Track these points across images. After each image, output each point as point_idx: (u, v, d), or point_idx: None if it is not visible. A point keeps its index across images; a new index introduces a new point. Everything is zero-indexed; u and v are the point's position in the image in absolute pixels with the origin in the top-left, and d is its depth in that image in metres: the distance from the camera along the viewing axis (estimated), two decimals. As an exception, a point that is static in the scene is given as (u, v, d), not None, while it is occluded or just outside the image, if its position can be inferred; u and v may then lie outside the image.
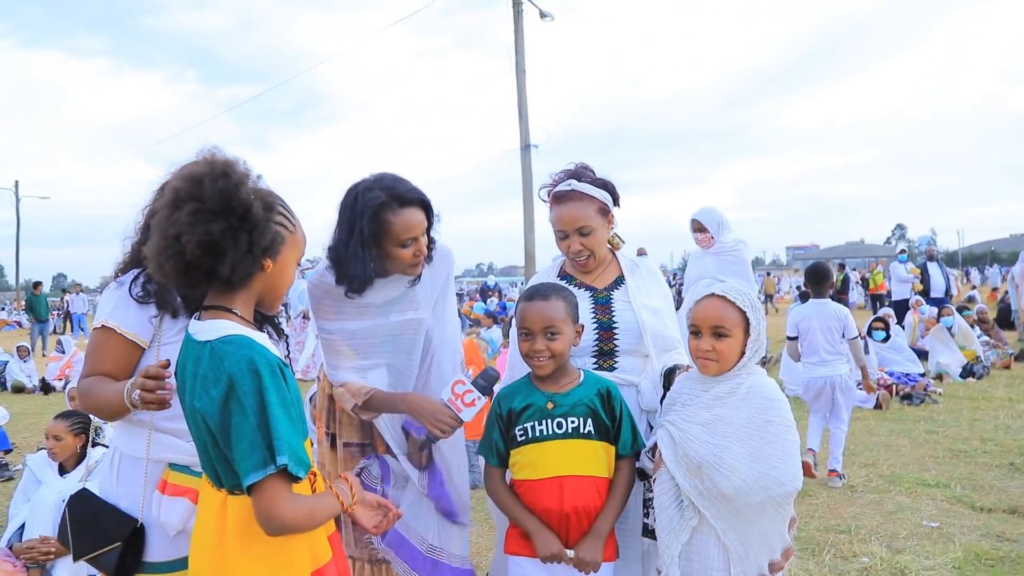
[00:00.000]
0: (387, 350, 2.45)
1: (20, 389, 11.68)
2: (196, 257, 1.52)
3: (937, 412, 7.74)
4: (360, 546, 2.49)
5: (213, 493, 1.61)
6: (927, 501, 4.92)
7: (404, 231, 2.30)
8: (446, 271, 2.60)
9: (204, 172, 1.55)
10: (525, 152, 16.20)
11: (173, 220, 1.52)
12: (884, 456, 6.06)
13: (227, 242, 1.53)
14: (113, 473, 2.04)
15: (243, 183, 1.56)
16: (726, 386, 2.12)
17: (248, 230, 1.55)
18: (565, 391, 2.24)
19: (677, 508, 2.12)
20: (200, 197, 1.52)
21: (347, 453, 2.50)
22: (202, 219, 1.51)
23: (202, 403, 1.51)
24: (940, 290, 13.43)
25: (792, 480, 2.04)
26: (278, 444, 1.48)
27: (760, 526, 2.07)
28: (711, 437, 2.07)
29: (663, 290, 2.65)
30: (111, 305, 1.99)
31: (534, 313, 2.21)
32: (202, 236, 1.50)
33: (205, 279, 1.57)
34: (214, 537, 1.58)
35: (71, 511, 2.02)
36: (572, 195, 2.47)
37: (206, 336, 1.57)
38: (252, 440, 1.47)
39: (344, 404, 2.41)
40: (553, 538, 2.16)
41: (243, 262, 1.57)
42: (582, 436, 2.20)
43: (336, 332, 2.42)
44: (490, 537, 4.29)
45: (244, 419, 1.48)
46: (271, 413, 1.49)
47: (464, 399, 2.24)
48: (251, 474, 1.47)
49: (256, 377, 1.49)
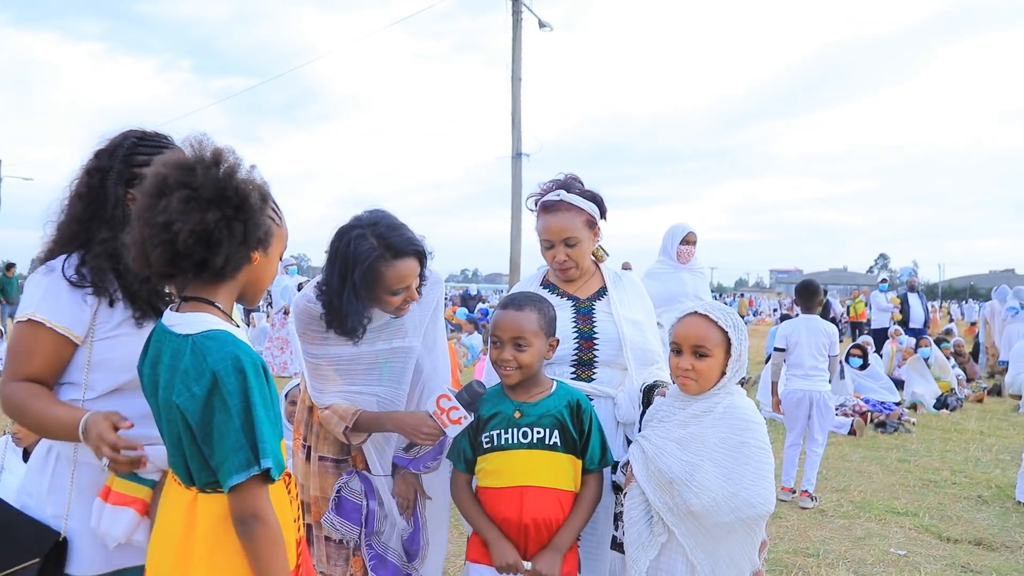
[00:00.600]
0: (374, 377, 2.41)
1: (-9, 371, 11.52)
2: (188, 247, 1.47)
3: (910, 441, 7.80)
4: (332, 562, 2.46)
5: (180, 492, 1.56)
6: (895, 529, 4.96)
7: (396, 282, 2.23)
8: (435, 299, 2.54)
9: (195, 160, 1.50)
10: (516, 161, 16.21)
11: (162, 207, 1.46)
12: (856, 482, 6.09)
13: (222, 232, 1.49)
14: (46, 473, 1.84)
15: (235, 172, 1.53)
16: (703, 405, 2.12)
17: (243, 220, 1.52)
18: (534, 401, 2.23)
19: (647, 523, 2.12)
20: (192, 184, 1.47)
21: (321, 467, 2.44)
22: (196, 207, 1.46)
23: (182, 399, 1.46)
24: (919, 321, 13.58)
25: (763, 503, 2.04)
26: (263, 447, 1.46)
27: (729, 546, 2.07)
28: (684, 454, 2.07)
29: (645, 304, 2.65)
30: (39, 295, 1.78)
31: (504, 322, 2.21)
32: (196, 225, 1.46)
33: (193, 269, 1.53)
34: (179, 537, 1.53)
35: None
36: (560, 205, 2.48)
37: (186, 329, 1.52)
38: (236, 441, 1.44)
39: (332, 428, 2.36)
40: (510, 548, 2.15)
41: (236, 253, 1.54)
42: (547, 447, 2.18)
43: (322, 357, 2.37)
44: (460, 543, 4.27)
45: (228, 419, 1.44)
46: (256, 415, 1.46)
47: (450, 415, 2.19)
48: (234, 475, 1.44)
49: (241, 376, 1.46)
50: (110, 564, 1.79)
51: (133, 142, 1.92)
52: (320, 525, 2.45)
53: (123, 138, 1.92)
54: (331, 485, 2.43)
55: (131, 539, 1.75)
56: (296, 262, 13.07)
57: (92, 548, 1.78)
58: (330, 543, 2.45)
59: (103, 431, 1.65)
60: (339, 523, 2.40)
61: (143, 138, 1.94)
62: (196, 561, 1.50)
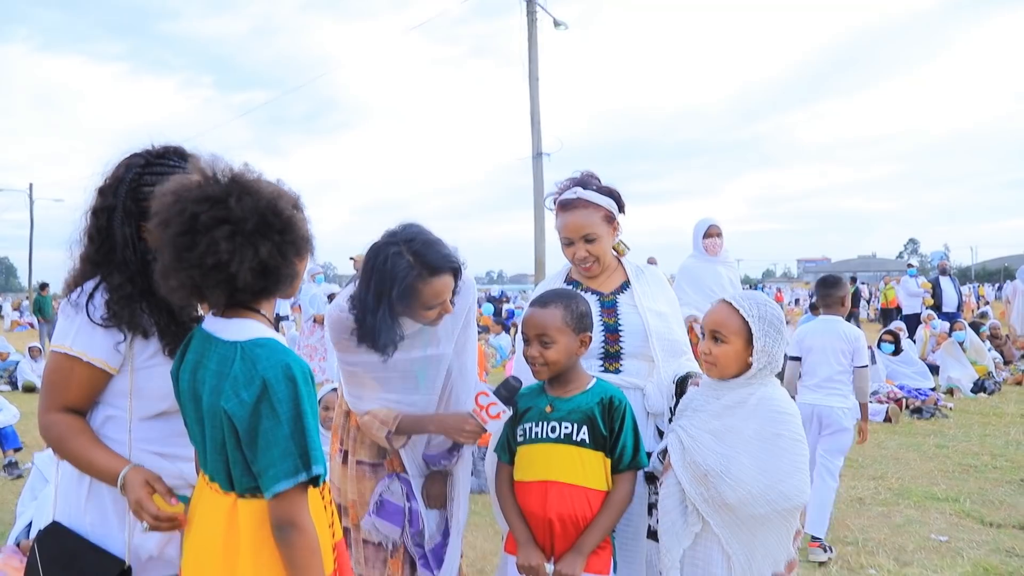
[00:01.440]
0: (411, 387, 2.43)
1: (31, 389, 11.75)
2: (248, 282, 1.48)
3: (947, 426, 7.68)
4: (370, 564, 2.48)
5: (218, 498, 1.57)
6: (936, 515, 4.88)
7: (432, 298, 2.23)
8: (468, 304, 2.53)
9: (221, 191, 1.47)
10: (537, 160, 16.22)
11: (208, 249, 1.44)
12: (893, 469, 6.01)
13: (277, 260, 1.50)
14: (83, 490, 1.81)
15: (266, 194, 1.51)
16: (737, 395, 2.12)
17: (291, 241, 1.53)
18: (567, 397, 2.24)
19: (681, 513, 2.12)
20: (231, 219, 1.45)
21: (359, 471, 2.47)
22: (245, 243, 1.46)
23: (230, 404, 1.47)
24: (952, 305, 13.37)
25: (798, 494, 2.04)
26: (314, 454, 1.47)
27: (764, 537, 2.06)
28: (719, 446, 2.07)
29: (669, 295, 2.66)
30: (74, 329, 1.77)
31: (530, 320, 2.24)
32: (252, 261, 1.46)
33: (252, 298, 1.55)
34: (221, 541, 1.54)
35: (41, 548, 1.79)
36: (578, 203, 2.49)
37: (234, 336, 1.53)
38: (285, 447, 1.45)
39: (374, 433, 2.37)
40: (536, 552, 2.16)
41: (290, 271, 1.56)
42: (574, 443, 2.18)
43: (357, 364, 2.38)
44: (495, 541, 4.29)
45: (277, 425, 1.45)
46: (307, 422, 1.47)
47: (489, 411, 2.21)
48: (281, 481, 1.45)
49: (292, 384, 1.47)
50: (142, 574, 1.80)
51: (137, 173, 1.84)
52: (358, 528, 2.47)
53: (125, 170, 1.85)
54: (368, 488, 2.46)
55: (163, 552, 1.78)
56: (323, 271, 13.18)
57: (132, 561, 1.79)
58: (368, 545, 2.48)
59: (143, 499, 1.67)
60: (380, 525, 2.42)
61: (148, 164, 1.87)
62: (242, 564, 1.51)
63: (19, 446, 6.74)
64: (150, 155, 1.88)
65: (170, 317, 1.83)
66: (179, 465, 1.82)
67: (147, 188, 1.80)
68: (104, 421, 1.82)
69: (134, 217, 1.82)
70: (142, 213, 1.78)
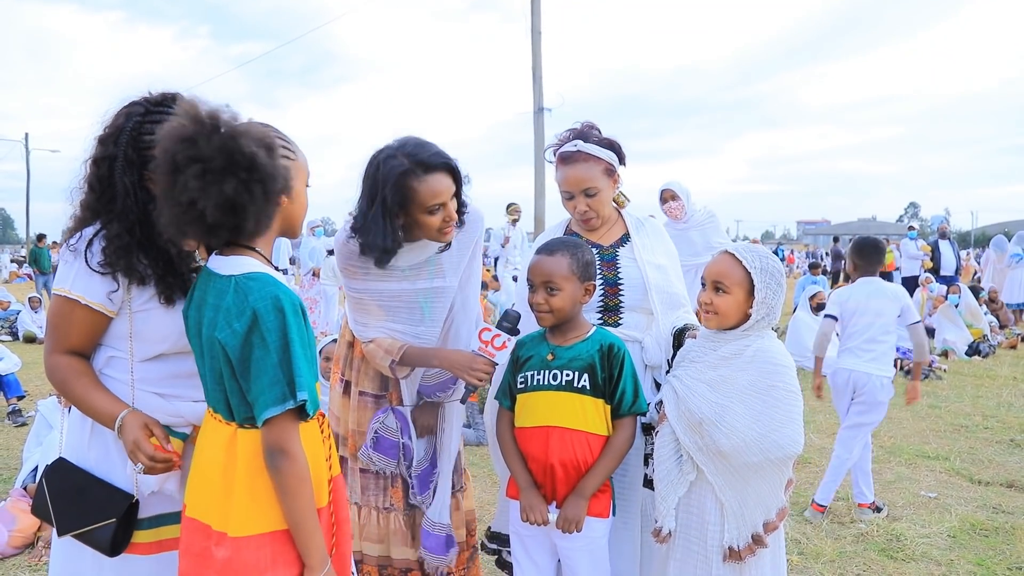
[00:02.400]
0: (416, 318, 2.44)
1: (32, 339, 11.82)
2: (218, 219, 1.52)
3: (941, 388, 7.77)
4: (370, 492, 2.53)
5: (219, 428, 1.63)
6: (926, 472, 4.97)
7: (430, 197, 2.23)
8: (476, 236, 2.55)
9: (194, 130, 1.50)
10: (538, 116, 16.04)
11: (180, 186, 1.49)
12: (885, 428, 6.09)
13: (243, 197, 1.53)
14: (85, 430, 1.87)
15: (237, 132, 1.53)
16: (733, 347, 2.14)
17: (259, 180, 1.55)
18: (568, 345, 2.27)
19: (676, 462, 2.16)
20: (200, 157, 1.49)
21: (361, 402, 2.52)
22: (212, 180, 1.49)
23: (224, 335, 1.53)
24: (951, 268, 13.41)
25: (791, 444, 2.07)
26: (299, 380, 1.52)
27: (757, 485, 2.10)
28: (714, 395, 2.10)
29: (668, 248, 2.66)
30: (72, 273, 1.80)
31: (536, 267, 2.26)
32: (218, 198, 1.50)
33: (231, 234, 1.59)
34: (220, 469, 1.60)
35: (49, 484, 1.86)
36: (578, 156, 2.48)
37: (229, 270, 1.59)
38: (273, 375, 1.51)
39: (378, 361, 2.40)
40: (538, 496, 2.21)
41: (264, 210, 1.59)
42: (575, 390, 2.22)
43: (364, 291, 2.41)
44: (492, 492, 4.37)
45: (266, 354, 1.51)
46: (293, 351, 1.52)
47: (494, 343, 2.24)
48: (269, 408, 1.51)
49: (280, 314, 1.52)
50: (147, 510, 1.85)
51: (137, 121, 1.84)
52: (356, 458, 2.52)
53: (125, 119, 1.84)
54: (367, 419, 2.51)
55: (163, 488, 1.82)
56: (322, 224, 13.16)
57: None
58: (367, 474, 2.53)
59: (140, 440, 1.73)
60: (377, 458, 2.48)
61: (148, 112, 1.85)
62: (238, 491, 1.57)
63: (22, 394, 6.80)
64: (149, 103, 1.87)
65: (167, 267, 1.84)
66: (176, 404, 1.86)
67: (147, 137, 1.80)
68: (107, 361, 1.86)
69: (135, 166, 1.82)
70: (143, 162, 1.80)
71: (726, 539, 2.10)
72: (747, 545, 2.08)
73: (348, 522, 1.85)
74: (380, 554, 2.56)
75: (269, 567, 1.57)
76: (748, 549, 2.08)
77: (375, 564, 2.56)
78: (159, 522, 1.87)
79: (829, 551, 3.72)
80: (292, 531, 1.58)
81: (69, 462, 1.88)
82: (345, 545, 1.77)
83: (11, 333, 12.22)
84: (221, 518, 1.58)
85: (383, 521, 2.55)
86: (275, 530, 1.58)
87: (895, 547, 3.78)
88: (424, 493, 2.52)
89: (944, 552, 3.72)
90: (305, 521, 1.57)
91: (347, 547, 1.79)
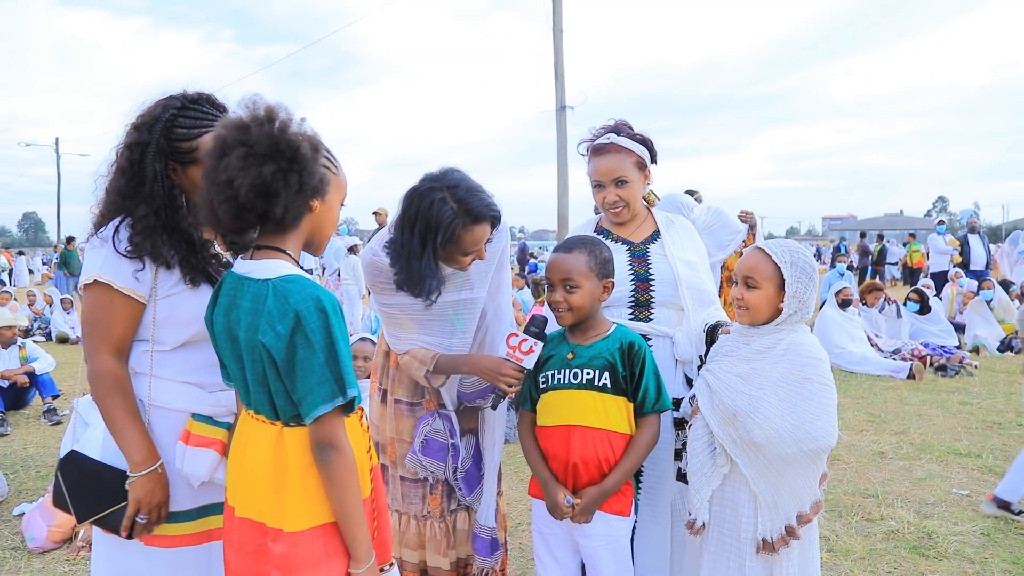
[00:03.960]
0: (447, 331, 2.47)
1: (64, 340, 12.04)
2: (250, 200, 1.56)
3: (972, 384, 7.66)
4: (409, 500, 2.56)
5: (263, 428, 1.65)
6: (958, 470, 4.91)
7: (471, 245, 2.29)
8: (501, 246, 2.57)
9: (250, 119, 1.58)
10: (560, 114, 16.04)
11: (223, 167, 1.55)
12: (915, 425, 6.03)
13: (279, 183, 1.58)
14: None
15: (288, 126, 1.61)
16: (766, 341, 2.14)
17: (298, 171, 1.60)
18: (588, 343, 2.27)
19: (710, 455, 2.16)
20: (248, 142, 1.56)
21: (397, 409, 2.55)
22: (253, 163, 1.55)
23: (267, 338, 1.56)
24: (980, 263, 13.22)
25: (825, 437, 2.06)
26: (347, 378, 1.57)
27: (791, 478, 2.10)
28: (747, 388, 2.10)
29: (698, 245, 2.67)
30: (100, 259, 1.84)
31: (554, 265, 2.27)
32: (254, 179, 1.55)
33: (258, 221, 1.63)
34: (269, 468, 1.63)
35: (65, 475, 1.93)
36: (610, 147, 2.50)
37: (265, 275, 1.61)
38: (321, 375, 1.55)
39: (414, 372, 2.44)
40: (560, 489, 2.21)
41: (295, 202, 1.62)
42: (596, 388, 2.22)
43: (394, 306, 2.44)
44: (520, 489, 4.39)
45: (311, 354, 1.55)
46: (339, 349, 1.57)
47: (521, 348, 2.26)
48: (320, 406, 1.55)
49: (323, 315, 1.56)
50: (195, 501, 1.92)
51: (173, 114, 1.91)
52: (396, 465, 2.55)
53: (162, 110, 1.92)
54: (407, 427, 2.53)
55: (213, 478, 1.87)
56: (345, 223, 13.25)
57: (182, 486, 1.90)
58: (406, 482, 2.55)
59: (160, 503, 1.84)
60: (427, 463, 2.50)
61: (183, 107, 1.94)
62: (291, 487, 1.61)
63: (56, 393, 6.94)
64: (186, 99, 1.96)
65: (190, 249, 1.92)
66: (216, 395, 1.92)
67: (180, 130, 1.91)
68: (140, 356, 1.91)
69: (165, 154, 1.91)
70: (172, 152, 1.91)
71: (759, 531, 2.10)
72: (780, 536, 2.08)
73: (387, 509, 1.90)
74: (419, 559, 2.59)
75: (323, 559, 1.62)
76: (781, 540, 2.08)
77: (415, 570, 2.59)
78: (205, 512, 1.93)
79: (859, 548, 3.69)
80: (340, 523, 1.62)
81: (81, 453, 1.94)
82: (386, 531, 1.81)
83: (45, 334, 12.45)
84: (276, 515, 1.62)
85: (421, 528, 2.58)
86: (326, 523, 1.63)
87: (927, 545, 3.74)
88: (471, 494, 2.56)
89: (978, 550, 3.67)
90: (355, 513, 1.62)
91: (387, 532, 1.83)
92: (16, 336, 7.05)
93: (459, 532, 2.58)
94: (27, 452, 5.66)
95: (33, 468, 5.25)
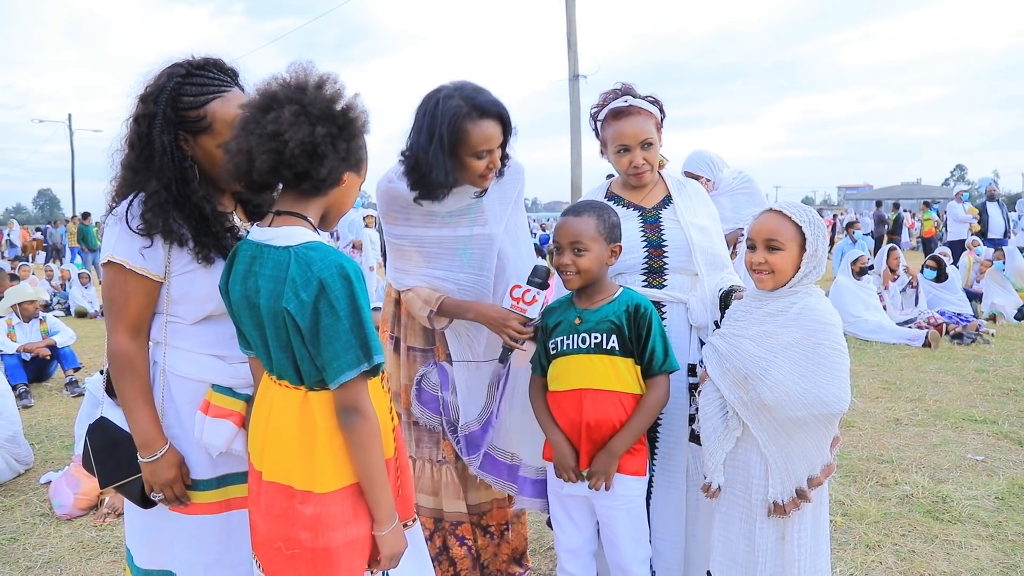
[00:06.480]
0: (456, 264, 2.49)
1: (83, 314, 12.20)
2: (294, 156, 1.57)
3: (988, 352, 7.62)
4: (423, 445, 2.61)
5: (287, 393, 1.67)
6: (973, 436, 4.91)
7: (481, 142, 2.29)
8: (517, 187, 2.58)
9: (304, 80, 1.60)
10: (573, 83, 15.86)
11: (272, 119, 1.56)
12: (931, 392, 6.02)
13: (327, 147, 1.59)
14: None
15: (340, 95, 1.63)
16: (779, 304, 2.14)
17: (347, 140, 1.63)
18: (595, 307, 2.29)
19: (722, 418, 2.18)
20: (302, 102, 1.57)
21: (410, 357, 2.59)
22: (305, 121, 1.56)
23: (292, 305, 1.56)
24: (999, 231, 13.05)
25: (836, 401, 2.06)
26: (372, 344, 1.59)
27: (801, 441, 2.11)
28: (758, 350, 2.11)
29: (710, 209, 2.65)
30: (114, 238, 1.83)
31: (563, 228, 2.28)
32: (305, 136, 1.56)
33: (293, 179, 1.62)
34: (296, 431, 1.65)
35: (92, 440, 1.99)
36: (632, 109, 2.47)
37: (286, 242, 1.61)
38: (346, 341, 1.56)
39: (415, 310, 2.46)
40: (570, 453, 2.25)
41: (337, 169, 1.64)
42: (604, 352, 2.25)
43: (404, 237, 2.47)
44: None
45: (336, 321, 1.56)
46: (363, 315, 1.58)
47: (524, 299, 2.29)
48: (345, 372, 1.57)
49: (347, 282, 1.57)
50: (215, 470, 1.93)
51: (178, 82, 1.86)
52: (408, 412, 2.61)
53: (167, 78, 1.86)
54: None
55: (231, 448, 1.89)
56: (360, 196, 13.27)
57: (201, 455, 1.91)
58: (420, 427, 2.61)
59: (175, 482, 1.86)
60: (420, 411, 2.57)
61: (189, 74, 1.88)
62: (320, 450, 1.63)
63: (78, 365, 7.06)
64: (191, 65, 1.91)
65: (202, 224, 1.88)
66: (236, 367, 1.93)
67: (187, 98, 1.86)
68: (160, 327, 1.91)
69: (173, 125, 1.86)
70: (181, 122, 1.86)
71: (770, 494, 2.12)
72: (791, 499, 2.10)
73: (409, 467, 1.93)
74: (434, 506, 2.63)
75: (352, 519, 1.65)
76: (792, 503, 2.10)
77: (430, 516, 2.64)
78: (225, 482, 1.94)
79: (874, 512, 3.72)
80: (364, 485, 1.65)
81: (109, 420, 1.98)
82: (408, 488, 1.84)
83: (64, 309, 12.60)
84: (305, 478, 1.64)
85: (436, 474, 2.62)
86: (353, 483, 1.66)
87: (941, 509, 3.76)
88: (473, 455, 2.58)
89: (992, 514, 3.69)
90: (378, 475, 1.65)
91: (409, 489, 1.86)
92: (38, 310, 7.15)
93: (473, 477, 2.62)
94: (51, 423, 5.78)
95: (58, 438, 5.36)
